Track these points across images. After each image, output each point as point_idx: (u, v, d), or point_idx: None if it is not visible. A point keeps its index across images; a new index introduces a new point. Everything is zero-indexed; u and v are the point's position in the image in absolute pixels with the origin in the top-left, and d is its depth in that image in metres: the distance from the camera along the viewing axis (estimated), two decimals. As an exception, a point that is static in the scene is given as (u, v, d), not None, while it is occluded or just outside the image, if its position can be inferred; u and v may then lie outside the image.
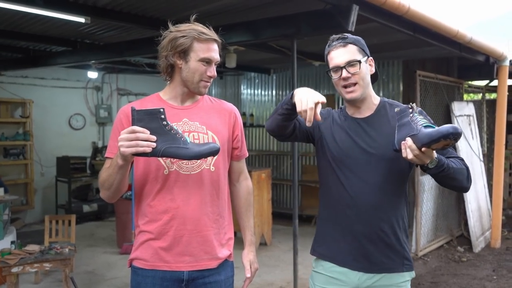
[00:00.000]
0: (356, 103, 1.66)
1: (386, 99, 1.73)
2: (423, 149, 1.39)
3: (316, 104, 1.40)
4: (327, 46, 1.67)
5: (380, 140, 1.62)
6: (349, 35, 1.65)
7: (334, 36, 1.66)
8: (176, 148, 1.48)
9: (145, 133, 1.46)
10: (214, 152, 1.53)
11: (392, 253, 1.65)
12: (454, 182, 1.56)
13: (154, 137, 1.46)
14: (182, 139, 1.50)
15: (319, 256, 1.73)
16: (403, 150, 1.45)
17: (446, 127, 1.35)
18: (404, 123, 1.50)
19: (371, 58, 1.68)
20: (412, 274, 1.70)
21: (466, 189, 1.62)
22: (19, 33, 4.80)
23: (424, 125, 1.43)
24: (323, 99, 1.42)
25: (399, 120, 1.55)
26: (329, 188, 1.70)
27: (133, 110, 1.48)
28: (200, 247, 1.66)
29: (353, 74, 1.60)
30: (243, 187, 1.87)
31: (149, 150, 1.46)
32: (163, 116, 1.49)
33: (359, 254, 1.64)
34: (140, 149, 1.45)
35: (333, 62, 1.62)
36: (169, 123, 1.51)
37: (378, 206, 1.62)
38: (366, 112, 1.68)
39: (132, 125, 1.47)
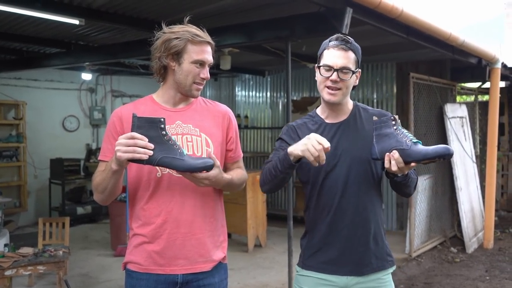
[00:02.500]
0: (333, 106, 1.69)
1: (358, 103, 1.77)
2: (412, 164, 1.49)
3: (320, 143, 1.44)
4: (328, 40, 1.66)
5: (359, 143, 1.66)
6: (352, 40, 1.65)
7: (339, 35, 1.66)
8: (172, 159, 1.49)
9: (143, 140, 1.47)
10: (207, 168, 1.53)
11: (379, 252, 1.70)
12: (407, 189, 1.67)
13: (151, 145, 1.48)
14: (179, 150, 1.51)
15: (309, 269, 1.72)
16: (386, 161, 1.52)
17: (441, 148, 1.46)
18: (387, 134, 1.56)
19: (360, 70, 1.70)
20: (394, 267, 1.76)
21: (410, 195, 1.76)
22: (12, 34, 4.78)
23: (413, 141, 1.51)
24: (319, 139, 1.45)
25: (377, 129, 1.59)
26: (314, 200, 1.70)
27: (134, 116, 1.50)
28: (194, 250, 1.66)
29: (341, 80, 1.62)
30: (238, 169, 1.84)
31: (145, 157, 1.46)
32: (162, 126, 1.51)
33: (350, 260, 1.66)
34: (137, 156, 1.46)
35: (328, 60, 1.62)
36: (168, 133, 1.52)
37: (364, 207, 1.66)
38: (341, 116, 1.71)
39: (132, 131, 1.48)
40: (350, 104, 1.73)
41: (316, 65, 1.68)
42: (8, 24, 4.37)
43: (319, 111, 1.76)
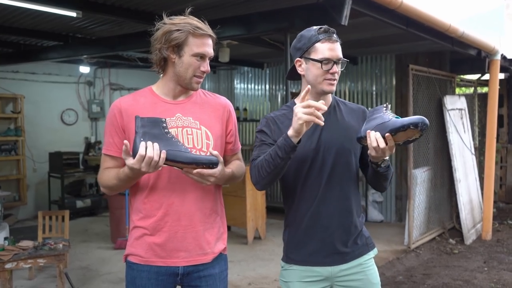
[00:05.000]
0: (321, 97, 1.68)
1: (336, 97, 1.80)
2: (386, 135, 1.47)
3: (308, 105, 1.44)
4: (315, 33, 1.65)
5: (341, 134, 1.68)
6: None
7: (325, 26, 1.67)
8: (178, 152, 1.51)
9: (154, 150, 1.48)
10: (212, 163, 1.54)
11: (359, 239, 1.73)
12: (385, 182, 1.69)
13: (164, 152, 1.49)
14: (183, 146, 1.54)
15: (293, 262, 1.73)
16: (368, 138, 1.51)
17: (416, 117, 1.46)
18: (375, 117, 1.58)
19: None
20: (376, 251, 1.78)
21: (385, 190, 1.76)
22: (9, 27, 4.75)
23: (395, 117, 1.53)
24: (304, 104, 1.46)
25: (369, 116, 1.62)
26: (298, 192, 1.68)
27: (137, 117, 1.53)
28: (195, 242, 1.67)
29: (337, 71, 1.65)
30: (237, 161, 1.84)
31: (161, 164, 1.49)
32: (164, 125, 1.55)
33: (333, 250, 1.67)
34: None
35: (326, 53, 1.63)
36: (170, 132, 1.56)
37: (346, 197, 1.69)
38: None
39: (136, 131, 1.51)
40: (329, 95, 1.75)
41: (306, 57, 1.66)
42: (5, 16, 4.34)
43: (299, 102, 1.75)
